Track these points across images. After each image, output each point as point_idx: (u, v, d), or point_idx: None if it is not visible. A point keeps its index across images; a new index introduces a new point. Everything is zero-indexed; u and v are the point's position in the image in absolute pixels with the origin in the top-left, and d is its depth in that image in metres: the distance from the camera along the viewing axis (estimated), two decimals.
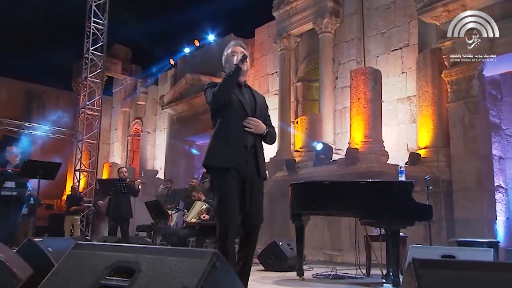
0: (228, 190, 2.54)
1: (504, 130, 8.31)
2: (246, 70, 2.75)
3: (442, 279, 0.95)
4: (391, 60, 8.92)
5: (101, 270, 1.32)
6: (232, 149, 2.57)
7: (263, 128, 2.64)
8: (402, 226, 3.69)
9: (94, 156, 13.49)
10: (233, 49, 2.82)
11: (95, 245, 1.60)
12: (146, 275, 1.23)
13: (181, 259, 1.24)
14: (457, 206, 6.95)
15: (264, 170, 2.70)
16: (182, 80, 13.46)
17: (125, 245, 1.53)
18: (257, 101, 2.75)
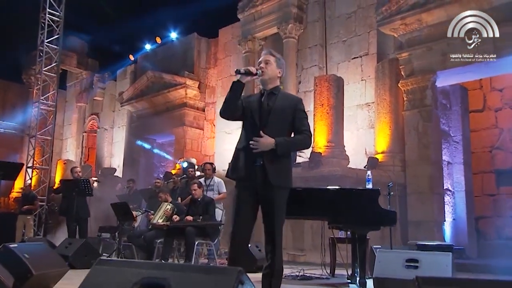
0: (238, 201, 2.66)
1: (452, 137, 8.94)
2: (270, 78, 2.74)
3: None
4: (352, 67, 9.32)
5: (129, 285, 1.40)
6: (243, 163, 2.66)
7: (270, 143, 2.59)
8: (369, 230, 3.97)
9: (48, 153, 12.99)
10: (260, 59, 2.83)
11: (119, 261, 1.67)
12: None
13: (209, 276, 1.36)
14: (410, 208, 7.43)
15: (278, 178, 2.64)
16: (143, 77, 13.26)
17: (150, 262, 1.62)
18: (274, 107, 2.70)
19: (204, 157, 12.01)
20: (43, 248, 3.81)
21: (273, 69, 2.77)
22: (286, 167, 2.73)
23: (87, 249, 5.57)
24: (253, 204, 2.66)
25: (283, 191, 2.70)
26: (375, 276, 3.33)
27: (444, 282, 1.24)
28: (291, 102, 2.80)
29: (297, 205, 3.96)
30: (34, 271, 3.18)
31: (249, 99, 2.82)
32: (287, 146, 2.68)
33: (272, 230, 2.63)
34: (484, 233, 9.54)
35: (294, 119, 2.74)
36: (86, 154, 16.41)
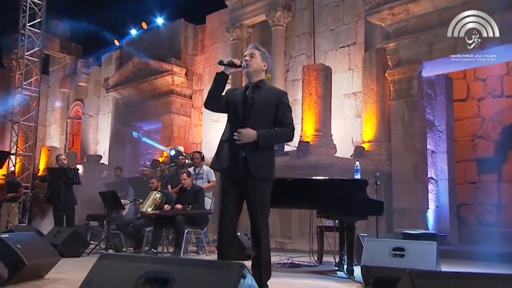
0: (222, 193, 2.73)
1: (436, 126, 9.10)
2: (255, 71, 2.77)
3: (435, 286, 1.21)
4: (339, 56, 9.37)
5: (134, 279, 1.44)
6: (226, 155, 2.71)
7: (252, 135, 2.64)
8: (357, 220, 4.07)
9: (32, 139, 12.80)
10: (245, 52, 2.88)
11: (122, 255, 1.70)
12: (180, 284, 1.38)
13: (212, 270, 1.41)
14: (395, 197, 7.59)
15: (260, 170, 2.68)
16: (129, 63, 13.08)
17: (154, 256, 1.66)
18: (258, 100, 2.73)
19: (192, 145, 12.00)
20: (34, 238, 3.82)
21: (258, 62, 2.81)
22: (268, 160, 2.77)
23: (75, 237, 5.56)
24: (238, 196, 2.71)
25: (266, 183, 2.74)
26: (362, 264, 3.43)
27: (436, 276, 1.31)
28: (276, 95, 2.84)
29: (287, 195, 4.05)
30: (27, 261, 3.19)
31: (234, 92, 2.86)
32: (269, 139, 2.71)
33: (256, 221, 2.69)
34: (465, 219, 9.81)
35: (278, 112, 2.78)
36: (71, 141, 16.20)
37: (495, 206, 9.81)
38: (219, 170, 2.80)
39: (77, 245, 5.51)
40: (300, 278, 3.93)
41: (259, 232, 2.67)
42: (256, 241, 2.69)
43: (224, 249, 2.72)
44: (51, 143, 16.37)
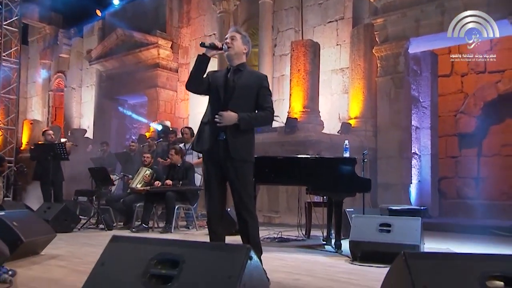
0: (206, 176, 2.81)
1: (421, 102, 9.27)
2: (236, 54, 2.79)
3: (428, 267, 1.31)
4: (327, 31, 9.34)
5: (146, 261, 1.51)
6: (207, 136, 2.75)
7: (233, 118, 2.67)
8: (346, 197, 4.20)
9: (14, 112, 12.55)
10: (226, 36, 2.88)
11: (133, 238, 1.76)
12: (191, 265, 1.45)
13: (220, 253, 1.48)
14: (380, 172, 7.79)
15: (240, 152, 2.74)
16: (113, 35, 12.76)
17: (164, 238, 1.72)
18: (239, 83, 2.77)
19: (178, 119, 11.95)
20: (29, 215, 3.86)
21: (239, 45, 2.82)
22: (248, 142, 2.83)
23: (66, 213, 5.60)
24: (220, 176, 2.78)
25: (246, 164, 2.80)
26: (351, 240, 3.58)
27: (428, 256, 1.41)
28: (256, 79, 2.88)
29: (278, 173, 4.14)
30: (24, 238, 3.24)
31: (216, 75, 2.88)
32: (249, 122, 2.76)
33: (239, 201, 2.75)
34: (445, 192, 10.15)
35: (258, 96, 2.82)
36: (53, 114, 15.89)
37: (474, 179, 10.16)
38: (200, 151, 2.86)
39: (68, 221, 5.55)
40: (290, 253, 4.08)
41: (243, 212, 2.75)
42: (242, 221, 2.77)
43: (215, 227, 2.81)
44: (33, 116, 16.05)
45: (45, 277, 2.80)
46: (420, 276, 1.28)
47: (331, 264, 3.48)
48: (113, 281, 1.52)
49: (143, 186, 6.20)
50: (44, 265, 3.23)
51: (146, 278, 1.47)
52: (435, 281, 1.28)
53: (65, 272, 2.98)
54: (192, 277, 1.43)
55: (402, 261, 1.37)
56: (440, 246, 4.64)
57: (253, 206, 2.84)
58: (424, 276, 1.28)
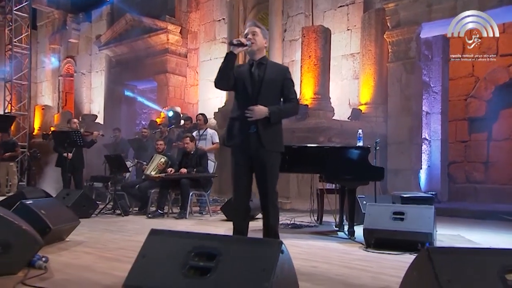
0: (235, 167, 2.90)
1: (432, 87, 9.24)
2: (258, 49, 2.89)
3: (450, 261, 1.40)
4: (338, 16, 9.28)
5: (184, 253, 1.62)
6: (237, 130, 2.87)
7: (263, 112, 2.80)
8: (359, 185, 4.30)
9: (26, 98, 12.70)
10: (246, 31, 2.95)
11: (170, 231, 1.87)
12: (227, 258, 1.56)
13: (254, 247, 1.59)
14: (390, 157, 7.85)
15: (272, 143, 2.87)
16: (122, 20, 12.76)
17: (200, 233, 1.83)
18: (265, 77, 2.86)
19: (188, 105, 12.03)
20: (55, 203, 3.99)
21: (260, 40, 2.92)
22: (278, 133, 2.96)
23: (85, 199, 5.75)
24: (249, 168, 2.90)
25: (276, 155, 2.95)
26: (365, 227, 3.68)
27: (450, 251, 1.50)
28: (280, 72, 2.99)
29: (293, 162, 4.23)
30: (52, 226, 3.38)
31: (240, 70, 2.96)
32: (279, 114, 2.90)
33: (266, 192, 2.89)
34: (454, 177, 10.20)
35: (283, 88, 2.94)
36: (64, 99, 16.02)
37: (483, 164, 10.18)
38: (231, 146, 2.94)
39: (87, 207, 5.71)
40: (304, 239, 4.19)
41: (269, 201, 2.89)
42: (266, 209, 2.91)
43: (241, 216, 2.93)
44: (43, 101, 16.19)
45: (75, 263, 2.94)
46: (443, 270, 1.37)
47: (345, 251, 3.59)
48: (155, 272, 1.63)
49: (157, 173, 6.33)
50: (71, 251, 3.38)
51: (185, 270, 1.58)
52: (457, 275, 1.37)
53: (93, 258, 3.11)
54: (228, 269, 1.54)
55: (425, 255, 1.46)
56: (451, 232, 4.73)
57: (276, 195, 2.95)
58: (447, 270, 1.37)
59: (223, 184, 7.23)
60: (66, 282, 2.42)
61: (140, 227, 5.01)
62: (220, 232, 4.72)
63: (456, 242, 4.19)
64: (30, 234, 2.63)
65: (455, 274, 1.36)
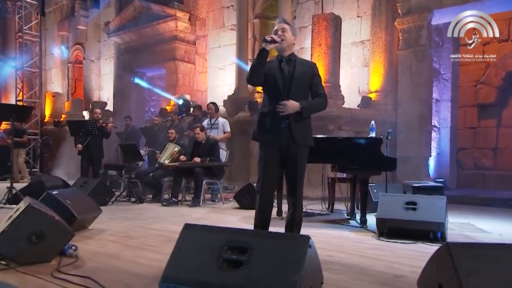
0: (265, 161, 2.96)
1: (442, 74, 9.22)
2: (288, 45, 2.94)
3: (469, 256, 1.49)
4: (348, 3, 9.23)
5: (218, 247, 1.73)
6: (269, 125, 2.94)
7: (295, 106, 2.86)
8: (371, 175, 4.39)
9: (37, 85, 12.83)
10: (275, 28, 3.01)
11: (203, 226, 1.98)
12: (259, 252, 1.67)
13: (283, 242, 1.69)
14: (399, 145, 7.90)
15: (303, 137, 2.97)
16: (130, 7, 12.76)
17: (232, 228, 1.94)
18: (295, 74, 2.93)
19: (197, 92, 12.09)
20: (78, 193, 4.14)
21: (290, 36, 2.98)
22: (308, 127, 3.06)
23: (102, 187, 5.91)
24: (279, 163, 2.99)
25: (306, 149, 3.05)
26: (378, 217, 3.79)
27: (469, 246, 1.59)
28: (309, 68, 3.07)
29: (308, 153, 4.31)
30: (77, 215, 3.53)
31: (269, 65, 3.00)
32: (310, 109, 2.99)
33: (295, 184, 2.99)
34: (462, 163, 10.24)
35: (312, 83, 3.03)
36: (73, 86, 16.15)
37: (492, 150, 10.20)
38: (262, 140, 3.01)
39: (104, 195, 5.87)
40: (318, 228, 4.31)
41: (297, 193, 2.98)
42: (293, 201, 3.00)
43: (265, 209, 3.00)
44: (53, 88, 16.31)
45: (102, 251, 3.08)
46: (462, 264, 1.47)
47: (359, 240, 3.70)
48: (191, 264, 1.75)
49: (171, 162, 6.45)
50: (96, 239, 3.52)
51: (219, 262, 1.70)
52: (475, 269, 1.46)
53: (119, 247, 3.26)
54: (259, 262, 1.65)
55: (445, 250, 1.56)
56: (461, 220, 4.83)
57: (303, 189, 3.05)
58: (466, 264, 1.47)
59: (232, 171, 7.34)
60: (97, 270, 2.55)
61: (156, 215, 5.16)
62: (235, 220, 4.88)
63: (466, 230, 4.29)
64: (62, 224, 2.77)
65: (473, 268, 1.46)
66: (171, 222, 4.61)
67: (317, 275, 1.81)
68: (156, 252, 3.10)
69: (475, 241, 3.69)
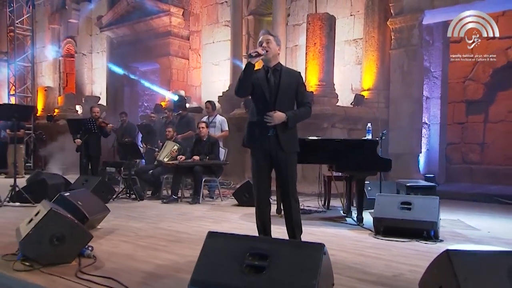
0: (256, 166, 3.19)
1: (432, 72, 9.47)
2: (273, 56, 3.12)
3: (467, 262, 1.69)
4: (341, 1, 9.39)
5: (241, 254, 1.91)
6: (257, 133, 3.15)
7: (281, 117, 3.07)
8: (368, 175, 4.60)
9: (29, 80, 12.76)
10: (259, 40, 3.18)
11: (226, 234, 2.16)
12: (279, 258, 1.85)
13: (300, 249, 1.88)
14: (391, 142, 8.14)
15: (289, 145, 3.16)
16: (123, 1, 12.74)
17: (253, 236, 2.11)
18: (281, 84, 3.11)
19: (191, 87, 12.19)
20: (87, 194, 4.27)
21: (274, 47, 3.17)
22: (294, 135, 3.27)
23: (103, 185, 6.03)
24: (268, 166, 3.21)
25: (294, 155, 3.27)
26: (375, 216, 4.01)
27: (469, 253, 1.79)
28: (294, 77, 3.25)
29: (306, 153, 4.50)
30: (89, 216, 3.68)
31: (256, 76, 3.19)
32: (295, 119, 3.20)
33: (287, 189, 3.20)
34: (450, 158, 10.56)
35: (297, 93, 3.22)
36: (65, 80, 16.07)
37: (479, 145, 10.53)
38: (250, 147, 3.23)
39: (105, 193, 6.00)
40: (317, 226, 4.51)
41: (290, 196, 3.20)
42: (288, 204, 3.22)
43: (263, 210, 3.25)
44: (44, 81, 16.20)
45: (117, 252, 3.24)
46: (461, 269, 1.67)
47: (357, 239, 3.91)
48: (217, 269, 1.92)
49: (170, 160, 6.58)
50: (108, 239, 3.67)
51: (243, 268, 1.87)
52: (473, 274, 1.66)
53: (132, 247, 3.41)
54: (280, 267, 1.83)
55: (445, 257, 1.76)
56: (451, 217, 5.09)
57: (296, 191, 3.24)
58: (464, 270, 1.67)
59: (228, 167, 7.50)
60: (117, 271, 2.71)
61: (159, 213, 5.32)
62: (237, 217, 5.06)
63: (457, 227, 4.54)
64: (80, 227, 2.92)
65: (471, 273, 1.66)
66: (176, 220, 4.77)
67: (329, 278, 2.00)
68: (168, 252, 3.27)
69: (465, 239, 3.95)
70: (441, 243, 3.70)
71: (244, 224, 4.63)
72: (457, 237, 4.05)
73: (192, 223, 4.66)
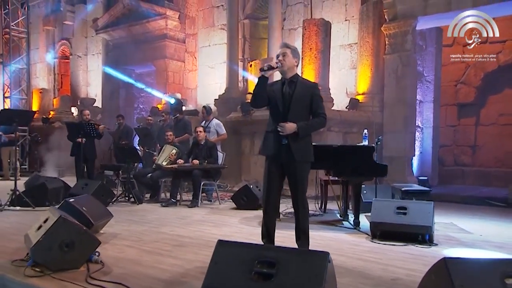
0: (269, 173, 3.32)
1: (425, 76, 9.65)
2: (289, 68, 3.25)
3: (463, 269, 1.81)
4: (336, 6, 9.54)
5: (249, 261, 2.01)
6: (271, 142, 3.28)
7: (293, 128, 3.20)
8: (364, 180, 4.74)
9: (25, 82, 12.76)
10: (278, 52, 3.31)
11: (236, 242, 2.26)
12: (286, 265, 1.95)
13: (307, 258, 1.98)
14: (385, 145, 8.29)
15: (301, 154, 3.26)
16: (119, 4, 12.79)
17: (262, 244, 2.22)
18: (295, 95, 3.23)
19: (187, 90, 12.27)
20: (91, 200, 4.34)
21: (290, 60, 3.28)
22: (307, 144, 3.37)
23: (103, 189, 6.10)
24: (281, 175, 3.34)
25: (306, 165, 3.37)
26: (371, 221, 4.13)
27: (464, 261, 1.91)
28: (309, 88, 3.36)
29: None
30: (93, 221, 3.76)
31: (272, 88, 3.33)
32: (307, 129, 3.31)
33: (297, 196, 3.33)
34: (443, 160, 10.75)
35: (312, 103, 3.32)
36: (59, 82, 16.06)
37: (471, 147, 10.74)
38: (265, 155, 3.35)
39: (105, 196, 6.06)
40: (314, 230, 4.52)
41: (299, 204, 3.33)
42: (297, 210, 3.36)
43: (271, 216, 3.37)
44: (38, 83, 16.17)
45: (123, 257, 3.32)
46: (457, 276, 1.79)
47: (355, 243, 4.03)
48: (227, 276, 2.03)
49: (168, 164, 6.66)
50: (112, 244, 3.75)
51: (252, 275, 1.98)
52: (468, 281, 1.78)
53: (137, 252, 3.50)
54: (287, 275, 1.93)
55: (442, 264, 1.88)
56: (444, 220, 5.23)
57: (305, 198, 3.37)
58: (461, 277, 1.78)
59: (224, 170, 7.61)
60: (125, 276, 2.80)
61: (160, 217, 5.41)
62: (236, 221, 5.17)
63: (450, 231, 4.68)
64: (89, 233, 3.00)
65: (466, 279, 1.78)
66: (177, 225, 4.86)
67: (333, 284, 2.11)
68: (173, 257, 3.36)
69: (459, 242, 4.09)
70: (436, 247, 3.84)
71: (244, 228, 4.73)
72: (450, 240, 4.18)
73: (193, 227, 4.75)
